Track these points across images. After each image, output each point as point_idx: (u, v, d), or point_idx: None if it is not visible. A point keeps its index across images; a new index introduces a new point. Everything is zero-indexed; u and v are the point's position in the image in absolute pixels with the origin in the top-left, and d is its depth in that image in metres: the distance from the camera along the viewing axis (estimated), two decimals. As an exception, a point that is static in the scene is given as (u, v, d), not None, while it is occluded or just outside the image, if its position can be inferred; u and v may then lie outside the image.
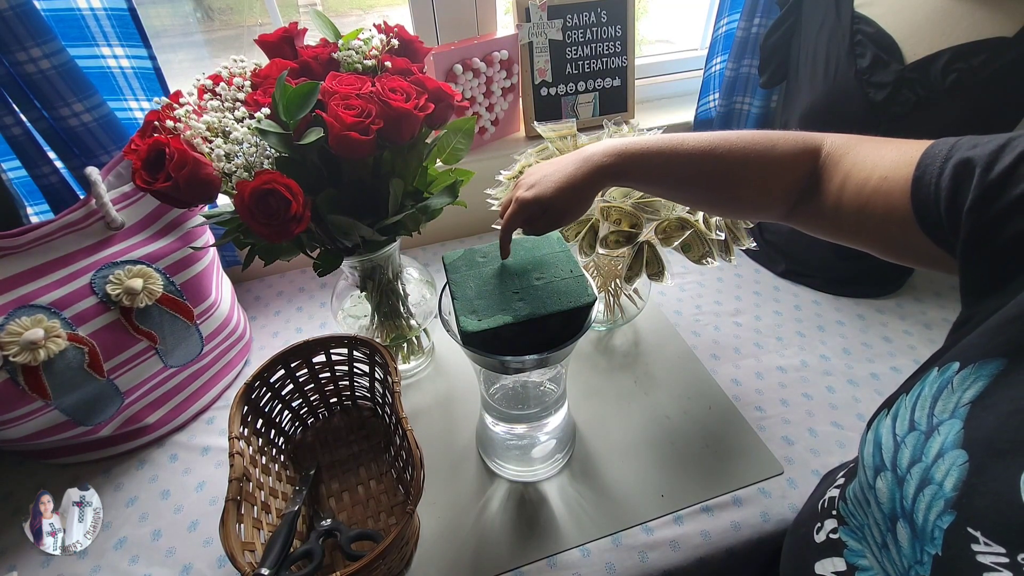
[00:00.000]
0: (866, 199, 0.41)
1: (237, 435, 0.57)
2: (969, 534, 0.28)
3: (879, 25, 0.75)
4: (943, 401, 0.33)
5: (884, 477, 0.35)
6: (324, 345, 0.68)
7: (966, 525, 0.29)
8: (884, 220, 0.40)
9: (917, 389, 0.35)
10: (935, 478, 0.31)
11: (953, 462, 0.30)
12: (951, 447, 0.31)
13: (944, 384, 0.33)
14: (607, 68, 1.02)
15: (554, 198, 0.49)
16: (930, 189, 0.37)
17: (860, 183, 0.42)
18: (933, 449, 0.32)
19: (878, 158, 0.42)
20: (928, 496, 0.31)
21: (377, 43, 0.57)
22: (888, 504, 0.34)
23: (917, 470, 0.32)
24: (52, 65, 0.65)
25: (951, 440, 0.31)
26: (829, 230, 0.47)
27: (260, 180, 0.47)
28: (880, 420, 0.37)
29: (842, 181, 0.44)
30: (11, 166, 0.75)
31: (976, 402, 0.31)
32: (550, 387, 0.63)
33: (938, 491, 0.31)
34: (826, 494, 0.47)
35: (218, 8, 1.01)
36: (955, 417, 0.31)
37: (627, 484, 0.67)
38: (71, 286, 0.63)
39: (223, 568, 0.61)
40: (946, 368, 0.34)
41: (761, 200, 0.49)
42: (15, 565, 0.61)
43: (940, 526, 0.30)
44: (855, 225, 0.43)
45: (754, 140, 0.48)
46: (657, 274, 0.67)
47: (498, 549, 0.61)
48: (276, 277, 1.01)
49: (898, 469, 0.34)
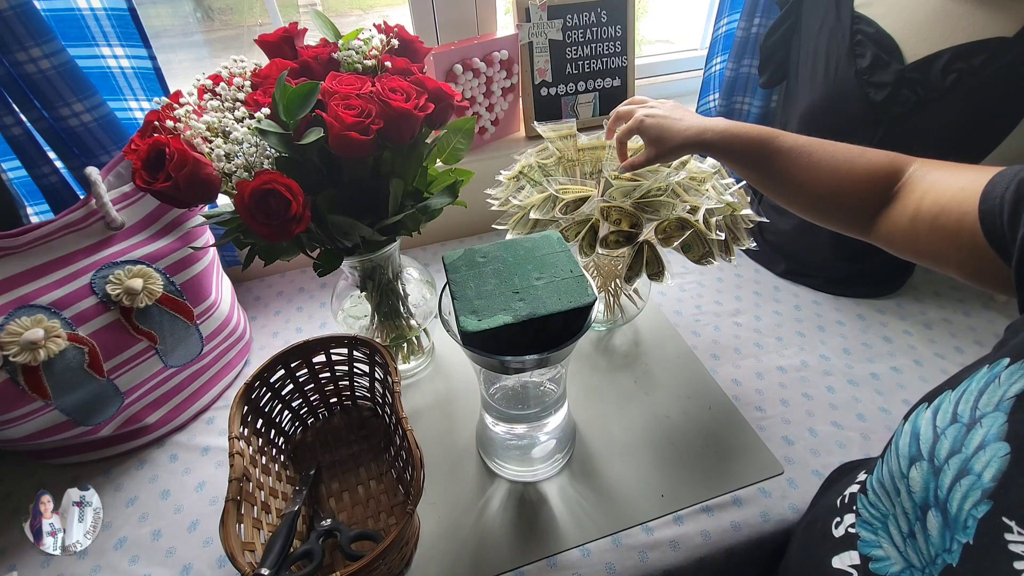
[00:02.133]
0: (937, 213, 0.43)
1: (237, 435, 0.57)
2: (1004, 523, 0.29)
3: (879, 25, 0.75)
4: (988, 395, 0.33)
5: (919, 467, 0.35)
6: (324, 345, 0.68)
7: (1002, 515, 0.29)
8: (955, 237, 0.41)
9: (964, 385, 0.35)
10: (974, 469, 0.31)
11: (994, 454, 0.31)
12: (993, 439, 0.31)
13: (992, 379, 0.33)
14: (607, 68, 1.02)
15: (674, 141, 0.59)
16: (995, 202, 0.38)
17: (935, 199, 0.44)
18: (975, 441, 0.32)
19: (955, 178, 0.44)
20: (965, 486, 0.31)
21: (377, 43, 0.57)
22: (921, 493, 0.34)
23: (956, 460, 0.32)
24: (52, 65, 0.65)
25: (994, 433, 0.31)
26: (908, 249, 0.48)
27: (260, 180, 0.47)
28: (919, 412, 0.37)
29: (919, 198, 0.45)
30: (11, 166, 0.75)
31: (1021, 396, 0.31)
32: (550, 387, 0.63)
33: (976, 481, 0.31)
34: (847, 490, 0.48)
35: (218, 8, 1.01)
36: (999, 410, 0.32)
37: (627, 484, 0.67)
38: (71, 286, 0.63)
39: (223, 568, 0.61)
40: (996, 364, 0.34)
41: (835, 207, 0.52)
42: (15, 565, 0.61)
43: (975, 515, 0.30)
44: (930, 244, 0.45)
45: (845, 147, 0.51)
46: (657, 274, 0.67)
47: (498, 549, 0.61)
48: (276, 277, 1.01)
49: (936, 459, 0.34)
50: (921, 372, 0.80)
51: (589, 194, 0.67)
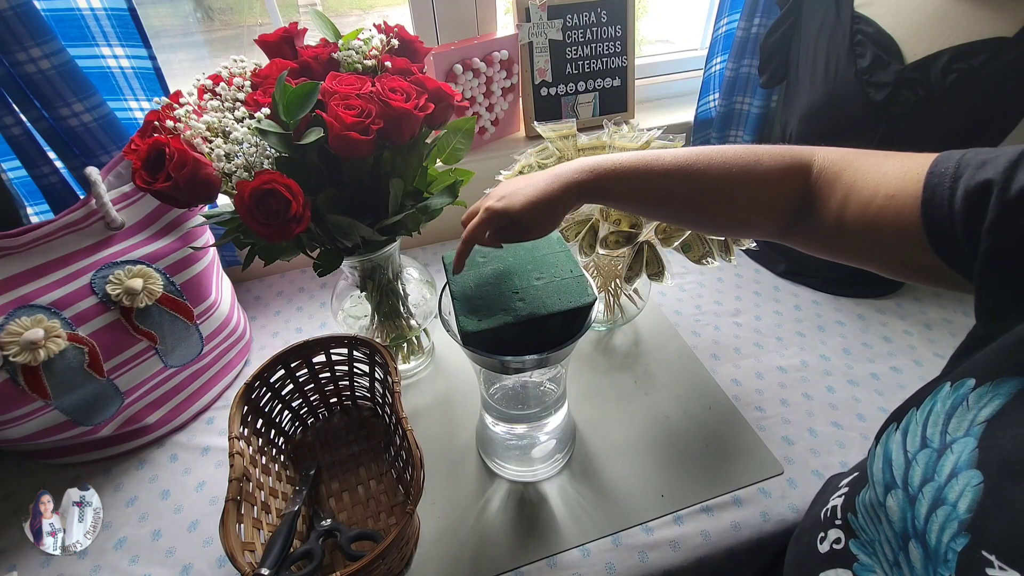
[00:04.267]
0: (872, 219, 0.40)
1: (237, 435, 0.57)
2: (984, 558, 0.28)
3: (879, 25, 0.75)
4: (957, 419, 0.32)
5: (895, 495, 0.34)
6: (324, 345, 0.68)
7: (981, 548, 0.28)
8: (894, 241, 0.39)
9: (929, 403, 0.34)
10: (948, 499, 0.30)
11: (967, 482, 0.30)
12: (965, 467, 0.30)
13: (959, 401, 0.32)
14: (607, 68, 1.02)
15: (523, 211, 0.47)
16: (943, 211, 0.36)
17: (864, 202, 0.41)
18: (946, 468, 0.31)
19: (880, 175, 0.40)
20: (941, 517, 0.30)
21: (377, 43, 0.57)
22: (900, 523, 0.34)
23: (929, 489, 0.32)
24: (52, 65, 0.65)
25: (965, 459, 0.30)
26: (831, 250, 0.46)
27: (260, 180, 0.47)
28: (889, 434, 0.36)
29: (843, 199, 0.42)
30: (11, 166, 0.75)
31: (992, 421, 0.30)
32: (550, 387, 0.63)
33: (952, 512, 0.30)
34: (829, 503, 0.46)
35: (218, 8, 1.01)
36: (969, 435, 0.31)
37: (627, 484, 0.67)
38: (71, 286, 0.63)
39: (223, 568, 0.61)
40: (960, 384, 0.33)
41: (747, 218, 0.48)
42: (15, 565, 0.61)
43: (954, 548, 0.29)
44: (860, 245, 0.42)
45: (736, 155, 0.46)
46: (657, 274, 0.67)
47: (498, 549, 0.61)
48: (276, 277, 1.01)
49: (909, 487, 0.33)
50: (921, 372, 0.80)
51: (589, 194, 0.67)
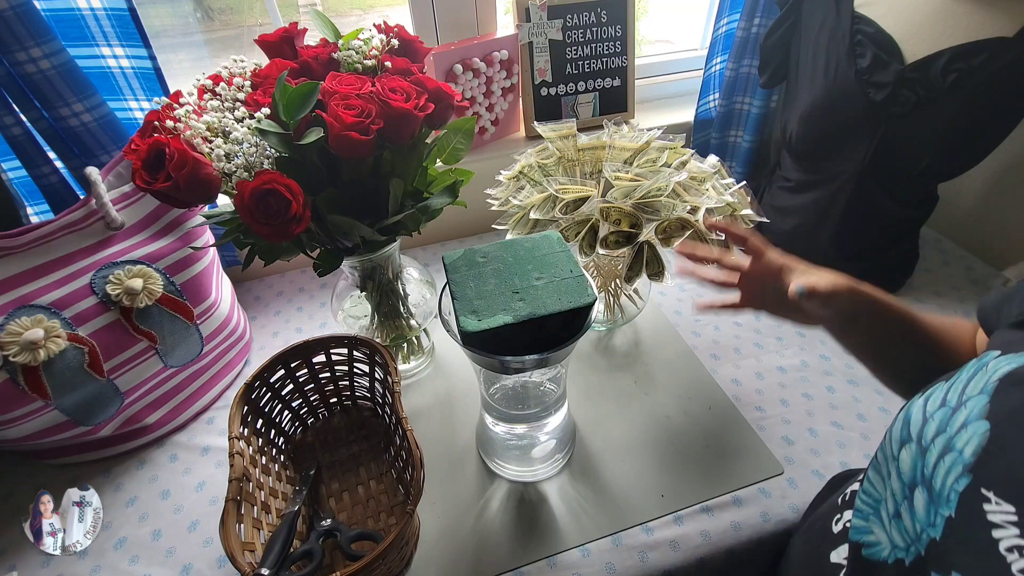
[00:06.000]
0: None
1: (237, 435, 0.57)
2: (982, 495, 0.30)
3: (879, 25, 0.75)
4: (975, 381, 0.34)
5: (908, 448, 0.36)
6: (324, 345, 0.68)
7: (980, 487, 0.30)
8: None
9: (956, 375, 0.37)
10: (956, 446, 0.33)
11: (975, 431, 0.32)
12: (975, 419, 0.32)
13: (980, 367, 0.35)
14: (607, 68, 1.02)
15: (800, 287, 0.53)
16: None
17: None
18: (958, 421, 0.33)
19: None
20: (948, 462, 0.33)
21: (377, 43, 0.57)
22: (909, 473, 0.36)
23: (940, 440, 0.34)
24: (52, 65, 0.65)
25: (976, 412, 0.32)
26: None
27: (260, 180, 0.47)
28: (913, 401, 0.39)
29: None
30: (11, 166, 0.75)
31: (1005, 378, 0.32)
32: (550, 387, 0.63)
33: (958, 457, 0.32)
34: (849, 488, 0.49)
35: (218, 8, 1.01)
36: (983, 393, 0.33)
37: (627, 484, 0.67)
38: (71, 286, 0.63)
39: (223, 568, 0.61)
40: (984, 355, 0.36)
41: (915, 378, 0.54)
42: (15, 565, 0.61)
43: (956, 489, 0.31)
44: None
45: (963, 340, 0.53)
46: (657, 274, 0.67)
47: (498, 549, 0.61)
48: (276, 277, 1.01)
49: (923, 440, 0.35)
50: (921, 372, 0.80)
51: (589, 194, 0.67)
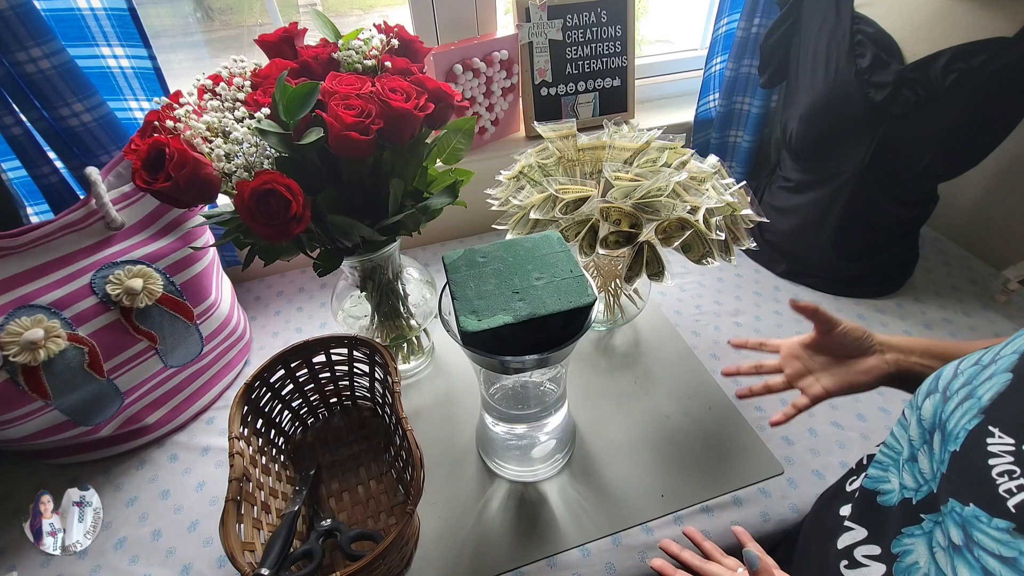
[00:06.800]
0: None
1: (237, 435, 0.57)
2: (988, 431, 0.32)
3: (879, 25, 0.75)
4: (1012, 344, 0.36)
5: (933, 398, 0.38)
6: (324, 345, 0.68)
7: (988, 424, 0.32)
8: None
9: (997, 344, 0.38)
10: (976, 393, 0.34)
11: (997, 381, 0.34)
12: (1001, 372, 0.34)
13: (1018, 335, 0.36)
14: (607, 68, 1.02)
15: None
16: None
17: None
18: (985, 375, 0.35)
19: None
20: (965, 407, 0.34)
21: (377, 43, 0.57)
22: (930, 420, 0.38)
23: (964, 390, 0.35)
24: (52, 65, 0.65)
25: (1003, 366, 0.34)
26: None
27: (260, 180, 0.47)
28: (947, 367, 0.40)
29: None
30: (11, 166, 0.75)
31: None
32: (550, 387, 0.63)
33: (975, 403, 0.34)
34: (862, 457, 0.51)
35: (218, 8, 1.01)
36: (1015, 353, 0.35)
37: (627, 484, 0.67)
38: (71, 286, 0.63)
39: (223, 568, 0.61)
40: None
41: None
42: (15, 565, 0.61)
43: (967, 428, 0.33)
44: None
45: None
46: (657, 274, 0.67)
47: (498, 549, 0.61)
48: (276, 277, 1.01)
49: (948, 391, 0.37)
50: (921, 372, 0.80)
51: (589, 194, 0.67)
